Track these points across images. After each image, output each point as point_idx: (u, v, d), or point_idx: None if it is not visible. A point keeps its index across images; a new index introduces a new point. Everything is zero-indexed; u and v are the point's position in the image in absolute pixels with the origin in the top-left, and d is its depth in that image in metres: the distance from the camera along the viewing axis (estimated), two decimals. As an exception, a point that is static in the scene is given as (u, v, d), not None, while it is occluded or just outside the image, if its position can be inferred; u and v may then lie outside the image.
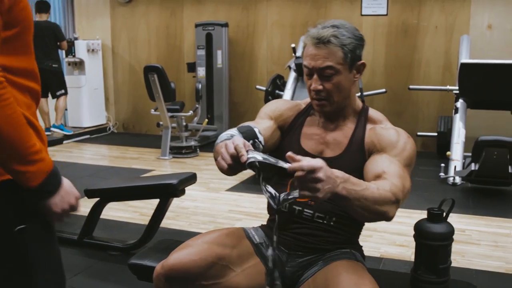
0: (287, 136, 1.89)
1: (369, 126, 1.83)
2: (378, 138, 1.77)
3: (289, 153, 1.33)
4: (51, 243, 1.38)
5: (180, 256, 1.71)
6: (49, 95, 7.13)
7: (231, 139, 1.49)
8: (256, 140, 1.71)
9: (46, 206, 1.28)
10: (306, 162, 1.30)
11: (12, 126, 1.14)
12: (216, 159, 1.60)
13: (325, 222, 1.80)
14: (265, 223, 2.00)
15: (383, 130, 1.80)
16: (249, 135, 1.70)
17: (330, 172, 1.35)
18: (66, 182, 1.33)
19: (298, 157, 1.32)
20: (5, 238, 1.26)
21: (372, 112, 1.87)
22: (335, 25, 1.71)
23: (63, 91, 7.27)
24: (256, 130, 1.74)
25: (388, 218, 1.55)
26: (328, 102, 1.76)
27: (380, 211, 1.51)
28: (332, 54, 1.68)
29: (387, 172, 1.63)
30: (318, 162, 1.31)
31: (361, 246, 1.94)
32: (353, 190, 1.42)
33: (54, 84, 7.11)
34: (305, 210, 1.80)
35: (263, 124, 1.83)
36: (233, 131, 1.73)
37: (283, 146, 1.86)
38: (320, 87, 1.72)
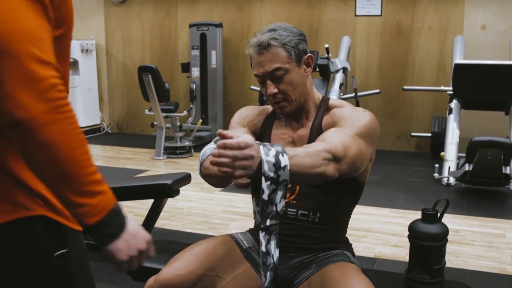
0: (259, 140, 1.87)
1: (327, 113, 1.84)
2: (332, 118, 1.77)
3: (220, 130, 1.34)
4: (87, 269, 1.24)
5: (170, 271, 1.72)
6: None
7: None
8: None
9: (109, 252, 1.08)
10: (239, 138, 1.30)
11: (70, 144, 0.98)
12: (205, 176, 1.69)
13: (309, 219, 1.80)
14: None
15: (339, 109, 1.80)
16: None
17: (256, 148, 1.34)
18: (131, 224, 1.12)
19: (230, 134, 1.31)
20: (45, 265, 1.12)
21: (333, 101, 1.86)
22: (272, 28, 1.75)
23: None
24: None
25: (327, 177, 1.50)
26: (287, 102, 1.77)
27: (316, 173, 1.46)
28: (276, 56, 1.71)
29: (327, 138, 1.61)
30: (250, 139, 1.30)
31: (351, 244, 1.93)
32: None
33: None
34: (289, 209, 1.80)
35: (238, 133, 1.83)
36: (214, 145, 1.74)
37: None
38: (275, 90, 1.74)
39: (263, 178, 1.33)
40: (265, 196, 1.35)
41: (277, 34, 1.71)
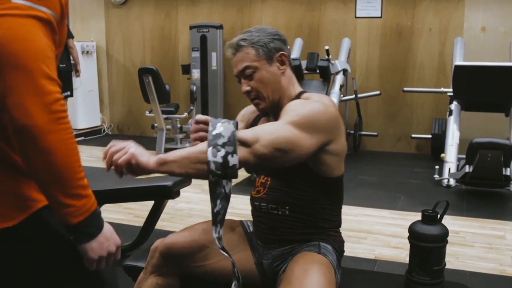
0: None
1: None
2: (285, 109, 1.76)
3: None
4: None
5: (176, 237, 1.92)
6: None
7: None
8: None
9: (83, 250, 1.22)
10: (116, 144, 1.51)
11: (66, 152, 1.12)
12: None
13: (279, 212, 1.86)
14: None
15: (292, 103, 1.78)
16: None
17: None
18: (107, 227, 1.27)
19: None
20: (68, 248, 1.24)
21: (306, 95, 1.84)
22: (247, 30, 1.84)
23: (68, 92, 7.03)
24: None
25: (241, 161, 1.52)
26: (260, 99, 1.83)
27: (197, 168, 1.51)
28: (246, 55, 1.79)
29: (253, 129, 1.64)
30: (125, 142, 1.50)
31: (342, 241, 1.94)
32: (167, 166, 1.50)
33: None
34: (262, 203, 1.90)
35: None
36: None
37: None
38: (248, 88, 1.81)
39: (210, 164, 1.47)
40: (211, 178, 1.51)
41: (247, 35, 1.80)
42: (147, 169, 1.48)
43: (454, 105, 5.58)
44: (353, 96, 6.40)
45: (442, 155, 5.30)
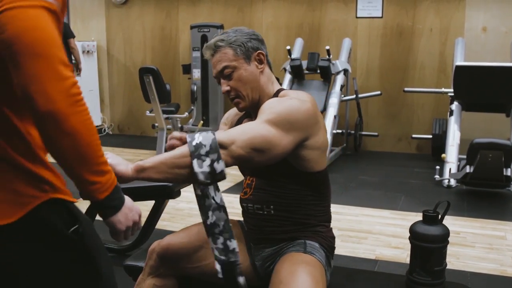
0: None
1: None
2: (262, 108, 1.74)
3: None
4: (95, 233, 1.41)
5: (173, 238, 1.94)
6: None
7: None
8: None
9: (111, 223, 1.29)
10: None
11: (88, 132, 1.16)
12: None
13: (265, 212, 1.86)
14: None
15: (268, 101, 1.77)
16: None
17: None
18: (127, 199, 1.33)
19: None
20: (65, 244, 1.28)
21: (284, 92, 1.83)
22: (224, 31, 1.83)
23: None
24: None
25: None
26: (240, 99, 1.83)
27: (180, 173, 1.52)
28: (223, 55, 1.79)
29: (229, 131, 1.65)
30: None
31: (332, 236, 1.91)
32: (146, 172, 1.51)
33: None
34: (248, 204, 1.91)
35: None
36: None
37: None
38: (227, 87, 1.81)
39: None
40: (198, 192, 1.51)
41: (224, 36, 1.80)
42: (126, 178, 1.48)
43: (454, 106, 5.58)
44: (353, 96, 6.39)
45: (443, 155, 5.30)
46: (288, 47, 6.23)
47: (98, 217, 1.31)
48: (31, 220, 1.23)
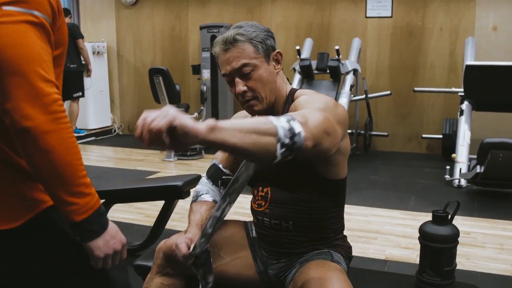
0: None
1: (292, 104, 1.71)
2: (295, 105, 1.64)
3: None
4: None
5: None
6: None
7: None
8: (224, 177, 1.90)
9: (88, 248, 1.24)
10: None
11: (66, 151, 1.14)
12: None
13: (283, 228, 1.79)
14: None
15: (300, 97, 1.68)
16: (216, 176, 1.96)
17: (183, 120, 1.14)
18: (112, 226, 1.28)
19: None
20: (73, 247, 1.27)
21: (298, 92, 1.74)
22: (238, 25, 1.69)
23: (80, 93, 7.08)
24: (220, 166, 1.96)
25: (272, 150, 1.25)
26: (257, 101, 1.69)
27: (263, 141, 1.23)
28: (243, 51, 1.64)
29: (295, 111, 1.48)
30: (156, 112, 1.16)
31: (348, 246, 1.89)
32: (220, 132, 1.19)
33: (70, 85, 6.84)
34: (264, 218, 1.82)
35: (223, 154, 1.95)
36: (203, 180, 1.99)
37: None
38: (244, 87, 1.66)
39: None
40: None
41: (243, 30, 1.65)
42: (194, 134, 1.14)
43: (465, 105, 5.56)
44: (363, 96, 6.38)
45: (453, 155, 5.28)
46: (297, 47, 6.22)
47: (108, 215, 1.31)
48: (38, 224, 1.24)
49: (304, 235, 1.79)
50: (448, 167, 5.21)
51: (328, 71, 6.13)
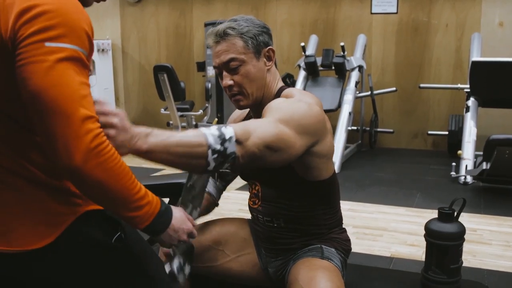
0: None
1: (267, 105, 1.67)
2: (266, 108, 1.59)
3: (98, 99, 1.22)
4: (139, 236, 1.43)
5: None
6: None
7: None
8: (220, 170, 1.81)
9: (157, 241, 1.35)
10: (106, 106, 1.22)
11: (115, 178, 1.16)
12: None
13: (275, 225, 1.80)
14: None
15: (274, 102, 1.62)
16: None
17: (128, 125, 1.24)
18: (176, 220, 1.35)
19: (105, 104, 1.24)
20: (111, 255, 1.31)
21: (286, 91, 1.69)
22: (233, 19, 1.67)
23: None
24: None
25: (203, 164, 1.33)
26: (243, 96, 1.67)
27: (194, 152, 1.31)
28: (232, 45, 1.62)
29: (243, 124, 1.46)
30: (117, 110, 1.23)
31: (346, 239, 1.86)
32: (155, 142, 1.26)
33: None
34: (258, 215, 1.84)
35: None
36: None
37: None
38: (231, 82, 1.64)
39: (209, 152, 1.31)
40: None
41: (235, 24, 1.63)
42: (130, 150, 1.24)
43: (471, 102, 5.53)
44: (368, 93, 6.37)
45: (459, 152, 5.26)
46: (302, 44, 6.21)
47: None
48: (68, 238, 1.25)
49: (296, 231, 1.80)
50: (454, 164, 5.19)
51: (333, 67, 6.12)
